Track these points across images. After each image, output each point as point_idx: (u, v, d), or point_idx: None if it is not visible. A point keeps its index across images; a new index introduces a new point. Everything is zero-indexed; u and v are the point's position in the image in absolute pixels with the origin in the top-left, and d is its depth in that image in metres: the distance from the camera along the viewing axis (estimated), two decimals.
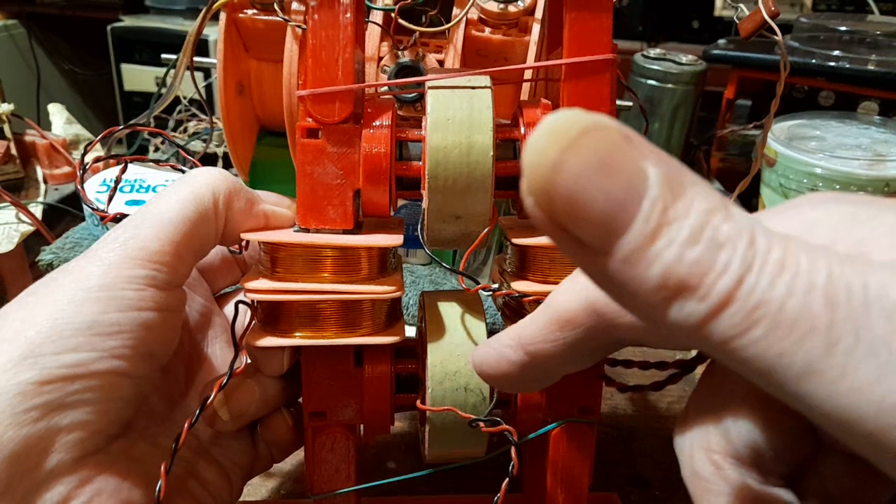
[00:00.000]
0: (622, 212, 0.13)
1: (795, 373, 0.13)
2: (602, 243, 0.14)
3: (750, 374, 0.14)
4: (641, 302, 0.14)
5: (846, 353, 0.12)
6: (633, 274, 0.14)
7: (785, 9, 1.09)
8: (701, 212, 0.13)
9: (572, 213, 0.13)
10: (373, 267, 0.28)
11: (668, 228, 0.13)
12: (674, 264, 0.13)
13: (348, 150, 0.28)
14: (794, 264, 0.13)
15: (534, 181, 0.13)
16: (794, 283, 0.13)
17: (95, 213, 0.30)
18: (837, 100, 0.73)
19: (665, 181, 0.13)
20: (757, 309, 0.13)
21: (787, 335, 0.13)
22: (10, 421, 0.22)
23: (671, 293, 0.13)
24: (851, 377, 0.12)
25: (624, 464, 0.42)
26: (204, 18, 0.41)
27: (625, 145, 0.13)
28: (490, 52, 0.46)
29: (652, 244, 0.13)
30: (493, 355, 0.21)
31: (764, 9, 0.30)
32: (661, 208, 0.13)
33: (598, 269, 0.14)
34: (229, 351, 0.33)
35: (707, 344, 0.14)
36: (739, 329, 0.13)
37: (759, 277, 0.13)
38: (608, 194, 0.13)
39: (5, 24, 1.54)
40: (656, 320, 0.14)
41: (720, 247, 0.13)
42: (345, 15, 0.26)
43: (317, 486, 0.31)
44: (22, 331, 0.24)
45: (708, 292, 0.13)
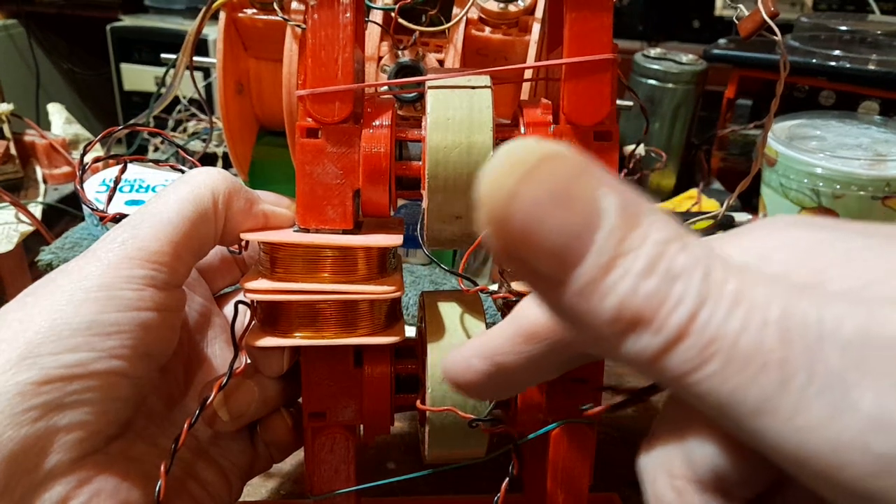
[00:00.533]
0: (577, 243, 0.13)
1: (749, 410, 0.13)
2: (557, 274, 0.13)
3: (705, 408, 0.13)
4: (596, 335, 0.14)
5: (800, 390, 0.12)
6: (588, 306, 0.13)
7: (785, 8, 1.09)
8: (656, 242, 0.13)
9: (527, 244, 0.13)
10: (372, 267, 0.28)
11: (623, 259, 0.13)
12: (628, 297, 0.13)
13: (348, 149, 0.28)
14: (750, 297, 0.13)
15: (490, 211, 0.13)
16: (749, 317, 0.13)
17: (95, 213, 0.30)
18: (838, 99, 0.73)
19: (621, 211, 0.13)
20: (711, 344, 0.13)
21: (740, 371, 0.12)
22: (9, 421, 0.22)
23: (625, 326, 0.13)
24: (805, 415, 0.12)
25: (624, 464, 0.42)
26: (203, 18, 0.41)
27: (580, 176, 0.13)
28: (490, 51, 0.46)
29: (606, 276, 0.13)
30: (461, 364, 0.21)
31: (763, 9, 0.30)
32: (617, 239, 0.13)
33: (554, 301, 0.14)
34: (229, 351, 0.33)
35: (662, 377, 0.13)
36: (694, 364, 0.13)
37: (714, 311, 0.13)
38: (563, 225, 0.13)
39: (4, 23, 1.54)
40: (611, 353, 0.14)
41: (675, 279, 0.13)
42: (344, 14, 0.26)
43: (316, 487, 0.31)
44: (21, 331, 0.24)
45: (662, 326, 0.13)
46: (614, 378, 0.50)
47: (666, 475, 0.19)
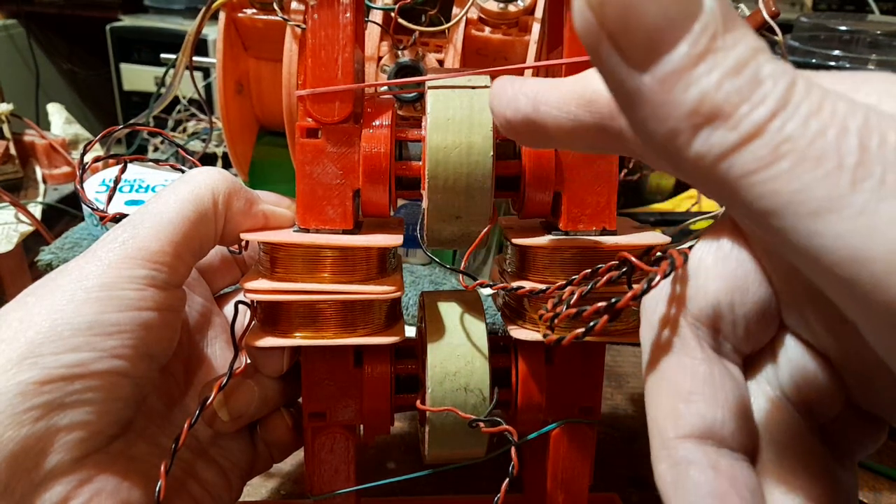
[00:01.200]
0: (673, 28, 0.13)
1: (812, 209, 0.13)
2: (644, 58, 0.14)
3: (758, 214, 0.13)
4: (668, 128, 0.14)
5: (870, 191, 0.12)
6: (668, 96, 0.13)
7: (785, 8, 1.09)
8: (748, 47, 0.13)
9: (623, 21, 0.13)
10: (372, 267, 0.28)
11: (713, 55, 0.13)
12: (712, 91, 0.13)
13: (348, 149, 0.28)
14: (831, 108, 0.13)
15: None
16: (828, 124, 0.13)
17: (95, 213, 0.30)
18: None
19: (719, 11, 0.13)
20: (785, 142, 0.13)
21: (812, 169, 0.13)
22: (10, 421, 0.22)
23: (702, 119, 0.13)
24: (871, 215, 0.12)
25: (624, 464, 0.42)
26: (203, 18, 0.41)
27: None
28: (490, 51, 0.46)
29: (694, 67, 0.13)
30: (508, 95, 0.21)
31: (764, 9, 0.30)
32: (711, 35, 0.13)
33: (632, 88, 0.14)
34: (229, 351, 0.33)
35: (723, 179, 0.13)
36: (764, 162, 0.13)
37: (794, 114, 0.13)
38: (663, 8, 0.13)
39: (4, 23, 1.54)
40: (678, 150, 0.14)
41: (760, 82, 0.13)
42: (344, 14, 0.26)
43: (316, 487, 0.31)
44: (21, 331, 0.24)
45: (740, 122, 0.13)
46: (615, 377, 0.50)
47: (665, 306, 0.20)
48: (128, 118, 1.22)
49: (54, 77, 1.69)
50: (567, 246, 0.28)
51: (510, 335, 0.29)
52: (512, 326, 0.30)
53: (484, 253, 0.55)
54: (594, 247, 0.28)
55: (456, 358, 0.29)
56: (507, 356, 0.31)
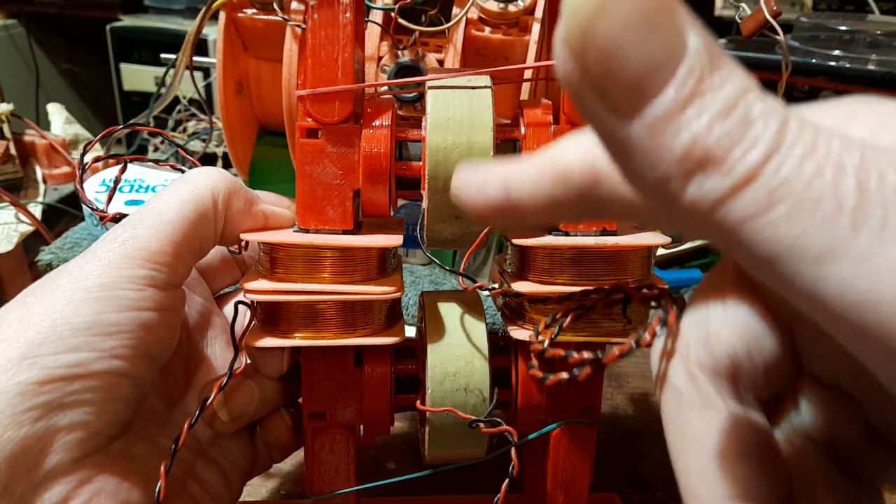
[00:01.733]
0: (658, 73, 0.13)
1: (813, 255, 0.12)
2: (631, 104, 0.13)
3: (759, 261, 0.13)
4: (660, 176, 0.13)
5: (872, 234, 0.12)
6: (657, 142, 0.13)
7: (785, 8, 1.09)
8: (737, 87, 0.13)
9: (606, 68, 0.13)
10: (372, 267, 0.28)
11: (701, 98, 0.13)
12: (702, 135, 0.13)
13: (348, 150, 0.28)
14: (826, 147, 0.12)
15: (573, 26, 0.13)
16: (824, 164, 0.12)
17: (95, 213, 0.30)
18: None
19: (705, 51, 0.13)
20: (782, 186, 0.12)
21: (810, 214, 0.12)
22: (10, 421, 0.22)
23: (694, 165, 0.13)
24: (875, 259, 0.12)
25: (625, 464, 0.42)
26: (203, 18, 0.41)
27: (671, 7, 0.13)
28: (490, 51, 0.46)
29: (682, 112, 0.13)
30: (475, 185, 0.20)
31: (766, 8, 0.30)
32: (698, 77, 0.13)
33: (620, 136, 0.14)
34: (229, 351, 0.33)
35: (720, 225, 0.13)
36: (760, 207, 0.12)
37: (788, 155, 0.12)
38: (647, 53, 0.13)
39: (4, 23, 1.54)
40: (672, 198, 0.13)
41: (751, 123, 0.13)
42: (344, 14, 0.26)
43: (316, 487, 0.31)
44: (21, 331, 0.24)
45: (733, 167, 0.13)
46: (615, 378, 0.50)
47: (681, 360, 0.19)
48: (128, 118, 1.22)
49: (54, 77, 1.69)
50: (567, 246, 0.28)
51: (510, 335, 0.29)
52: (512, 327, 0.30)
53: (484, 253, 0.55)
54: (594, 247, 0.28)
55: (456, 358, 0.29)
56: (507, 356, 0.31)
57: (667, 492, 0.40)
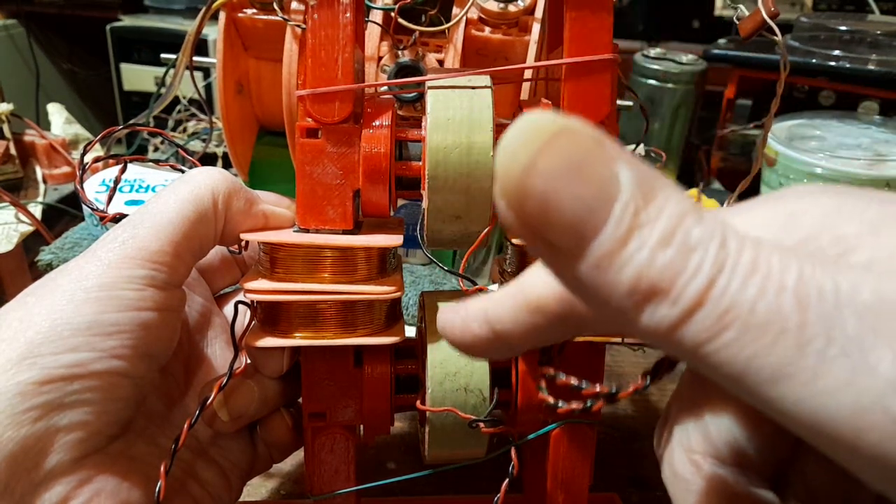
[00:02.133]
0: (593, 216, 0.13)
1: (767, 376, 0.13)
2: (573, 247, 0.13)
3: (721, 379, 0.13)
4: (613, 307, 0.14)
5: (818, 353, 0.12)
6: (605, 278, 0.13)
7: (785, 8, 1.09)
8: (672, 215, 0.13)
9: (543, 217, 0.13)
10: (372, 267, 0.28)
11: (639, 232, 0.13)
12: (645, 268, 0.13)
13: (348, 150, 0.28)
14: (766, 265, 0.13)
15: (505, 184, 0.13)
16: (766, 285, 0.13)
17: (95, 213, 0.30)
18: (838, 99, 0.73)
19: (637, 184, 0.13)
20: (728, 311, 0.13)
21: (758, 337, 0.12)
22: (10, 421, 0.22)
23: (642, 297, 0.13)
24: (824, 379, 0.12)
25: (624, 464, 0.42)
26: (203, 18, 0.41)
27: (597, 148, 0.13)
28: (490, 51, 0.46)
29: (623, 248, 0.13)
30: (459, 325, 0.21)
31: (763, 9, 0.30)
32: (633, 212, 0.13)
33: (570, 274, 0.14)
34: (229, 351, 0.33)
35: (679, 349, 0.13)
36: (711, 333, 0.13)
37: (731, 279, 0.13)
38: (580, 198, 0.13)
39: (4, 23, 1.53)
40: (628, 325, 0.14)
41: (691, 250, 0.13)
42: (344, 14, 0.26)
43: (316, 487, 0.31)
44: (21, 331, 0.24)
45: (679, 295, 0.13)
46: (615, 378, 0.50)
47: (683, 450, 0.19)
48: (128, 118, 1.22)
49: (54, 77, 1.69)
50: None
51: None
52: None
53: (484, 253, 0.55)
54: None
55: (456, 358, 0.29)
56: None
57: (667, 491, 0.40)
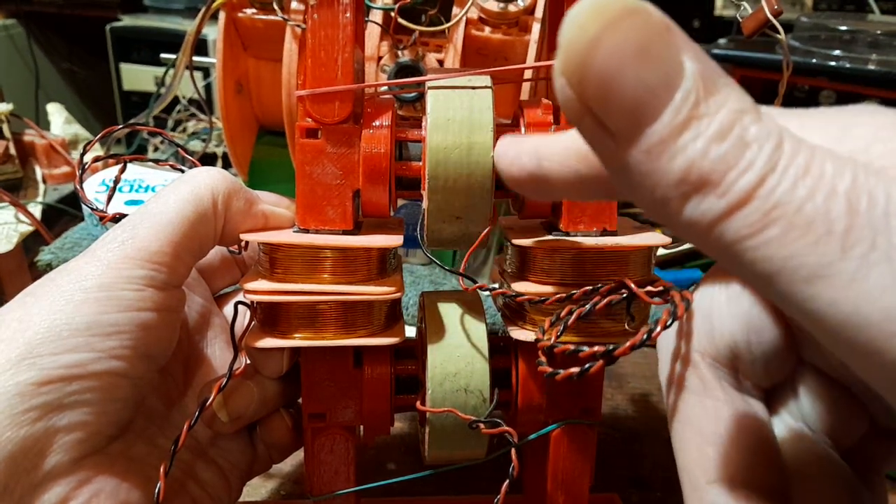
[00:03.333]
0: (654, 100, 0.13)
1: (805, 275, 0.13)
2: (628, 131, 0.13)
3: (755, 277, 0.13)
4: (658, 196, 0.14)
5: (861, 257, 0.12)
6: (655, 166, 0.13)
7: (786, 8, 1.09)
8: (732, 110, 0.13)
9: (603, 96, 0.13)
10: (372, 268, 0.28)
11: (697, 122, 0.13)
12: (698, 158, 0.13)
13: (348, 150, 0.28)
14: (819, 169, 0.13)
15: (569, 57, 0.13)
16: (816, 187, 0.13)
17: (94, 213, 0.30)
18: (838, 99, 0.73)
19: (700, 76, 0.13)
20: (775, 209, 0.13)
21: (802, 236, 0.12)
22: (9, 422, 0.22)
23: (691, 188, 0.13)
24: (862, 282, 0.12)
25: (625, 465, 0.42)
26: (203, 18, 0.41)
27: (665, 34, 0.13)
28: (490, 51, 0.46)
29: (679, 136, 0.13)
30: (511, 155, 0.21)
31: (767, 7, 0.30)
32: (693, 102, 0.13)
33: (620, 160, 0.14)
34: (228, 351, 0.33)
35: (717, 244, 0.13)
36: (754, 228, 0.13)
37: (782, 179, 0.13)
38: (643, 80, 0.13)
39: (3, 23, 1.53)
40: (670, 216, 0.14)
41: (746, 146, 0.13)
42: (344, 14, 0.26)
43: (316, 488, 0.31)
44: (20, 331, 0.23)
45: (728, 189, 0.13)
46: (615, 378, 0.50)
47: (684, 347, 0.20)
48: (128, 118, 1.22)
49: (54, 77, 1.69)
50: (567, 247, 0.28)
51: (510, 336, 0.29)
52: (512, 327, 0.30)
53: (484, 253, 0.55)
54: (594, 248, 0.28)
55: (456, 359, 0.29)
56: (507, 357, 0.31)
57: (667, 492, 0.40)
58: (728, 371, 0.19)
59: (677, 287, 0.22)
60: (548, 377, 0.20)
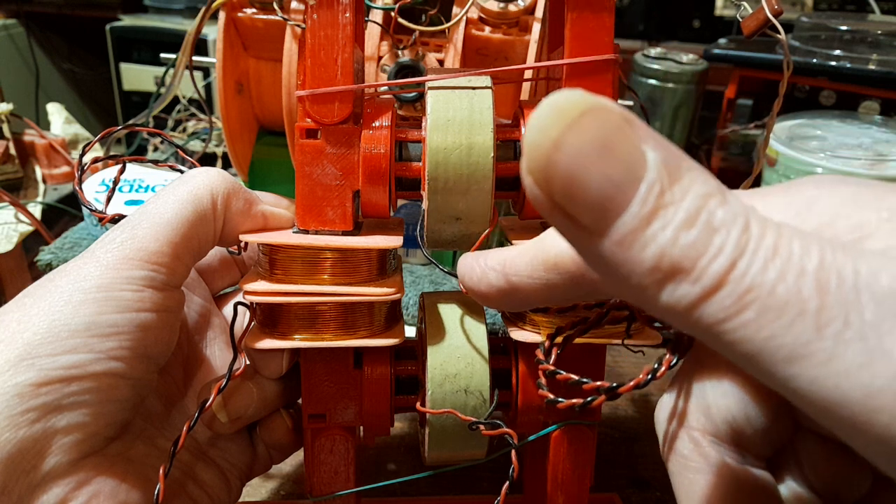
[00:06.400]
0: (619, 194, 0.13)
1: (783, 356, 0.13)
2: (598, 225, 0.14)
3: (737, 358, 0.14)
4: (634, 284, 0.14)
5: (835, 336, 0.12)
6: (627, 256, 0.14)
7: (786, 8, 1.09)
8: (697, 196, 0.13)
9: (569, 194, 0.14)
10: (372, 269, 0.28)
11: (664, 211, 0.13)
12: (668, 247, 0.13)
13: (348, 150, 0.27)
14: (787, 249, 0.13)
15: (533, 159, 0.14)
16: (786, 268, 0.13)
17: (93, 213, 0.30)
18: (838, 99, 0.73)
19: (663, 165, 0.14)
20: (748, 292, 0.13)
21: (776, 318, 0.13)
22: (7, 423, 0.22)
23: (664, 276, 0.13)
24: (839, 361, 0.12)
25: (625, 465, 0.42)
26: (203, 17, 0.41)
27: (625, 128, 0.14)
28: (490, 51, 0.46)
29: (647, 226, 0.13)
30: (477, 273, 0.21)
31: (767, 7, 0.30)
32: (658, 191, 0.13)
33: (593, 251, 0.14)
34: (228, 352, 0.33)
35: (696, 327, 0.14)
36: (730, 312, 0.13)
37: (752, 261, 0.13)
38: (607, 176, 0.13)
39: (4, 23, 1.53)
40: (648, 302, 0.14)
41: (715, 231, 0.13)
42: (344, 14, 0.26)
43: (316, 488, 0.31)
44: (19, 332, 0.23)
45: (701, 275, 0.13)
46: (615, 378, 0.50)
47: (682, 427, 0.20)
48: (128, 118, 1.22)
49: (54, 77, 1.69)
50: None
51: (510, 336, 0.29)
52: (512, 328, 0.29)
53: None
54: None
55: (456, 360, 0.29)
56: (507, 357, 0.31)
57: (667, 492, 0.40)
58: (729, 446, 0.20)
59: None
60: (548, 403, 0.21)
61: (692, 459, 0.20)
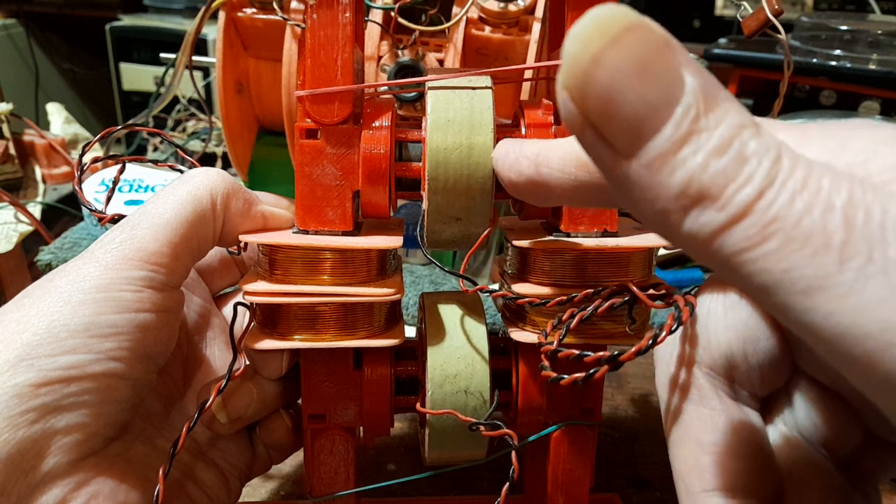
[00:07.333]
0: (654, 116, 0.13)
1: (802, 287, 0.13)
2: (629, 145, 0.14)
3: (753, 289, 0.14)
4: (658, 209, 0.14)
5: (857, 269, 0.12)
6: (655, 179, 0.14)
7: (786, 8, 1.09)
8: (732, 125, 0.13)
9: (604, 111, 0.14)
10: (372, 269, 0.28)
11: (697, 137, 0.13)
12: (697, 172, 0.13)
13: (347, 150, 0.27)
14: (816, 184, 0.13)
15: (571, 72, 0.14)
16: (813, 201, 0.13)
17: (93, 213, 0.30)
18: (839, 99, 0.73)
19: (701, 91, 0.13)
20: (773, 222, 0.13)
21: (799, 249, 0.13)
22: (6, 423, 0.22)
23: (690, 201, 0.13)
24: (859, 295, 0.12)
25: (625, 465, 0.42)
26: (203, 17, 0.41)
27: (666, 50, 0.14)
28: (490, 51, 0.46)
29: (679, 151, 0.13)
30: (511, 158, 0.21)
31: (767, 7, 0.30)
32: (693, 116, 0.13)
33: (620, 173, 0.14)
34: (228, 352, 0.33)
35: (716, 256, 0.14)
36: (753, 241, 0.13)
37: (780, 192, 0.13)
38: (643, 96, 0.13)
39: (4, 23, 1.53)
40: (670, 229, 0.14)
41: (745, 160, 0.13)
42: (344, 14, 0.26)
43: (316, 489, 0.31)
44: (18, 332, 0.23)
45: (727, 202, 0.13)
46: (615, 378, 0.50)
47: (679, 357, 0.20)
48: (127, 118, 1.22)
49: (54, 76, 1.69)
50: (568, 248, 0.28)
51: (511, 337, 0.29)
52: (512, 328, 0.29)
53: (484, 254, 0.55)
54: (595, 249, 0.28)
55: (456, 360, 0.29)
56: (507, 358, 0.31)
57: (667, 492, 0.40)
58: (724, 380, 0.20)
59: (679, 290, 0.22)
60: (552, 382, 0.20)
61: (684, 388, 0.20)
